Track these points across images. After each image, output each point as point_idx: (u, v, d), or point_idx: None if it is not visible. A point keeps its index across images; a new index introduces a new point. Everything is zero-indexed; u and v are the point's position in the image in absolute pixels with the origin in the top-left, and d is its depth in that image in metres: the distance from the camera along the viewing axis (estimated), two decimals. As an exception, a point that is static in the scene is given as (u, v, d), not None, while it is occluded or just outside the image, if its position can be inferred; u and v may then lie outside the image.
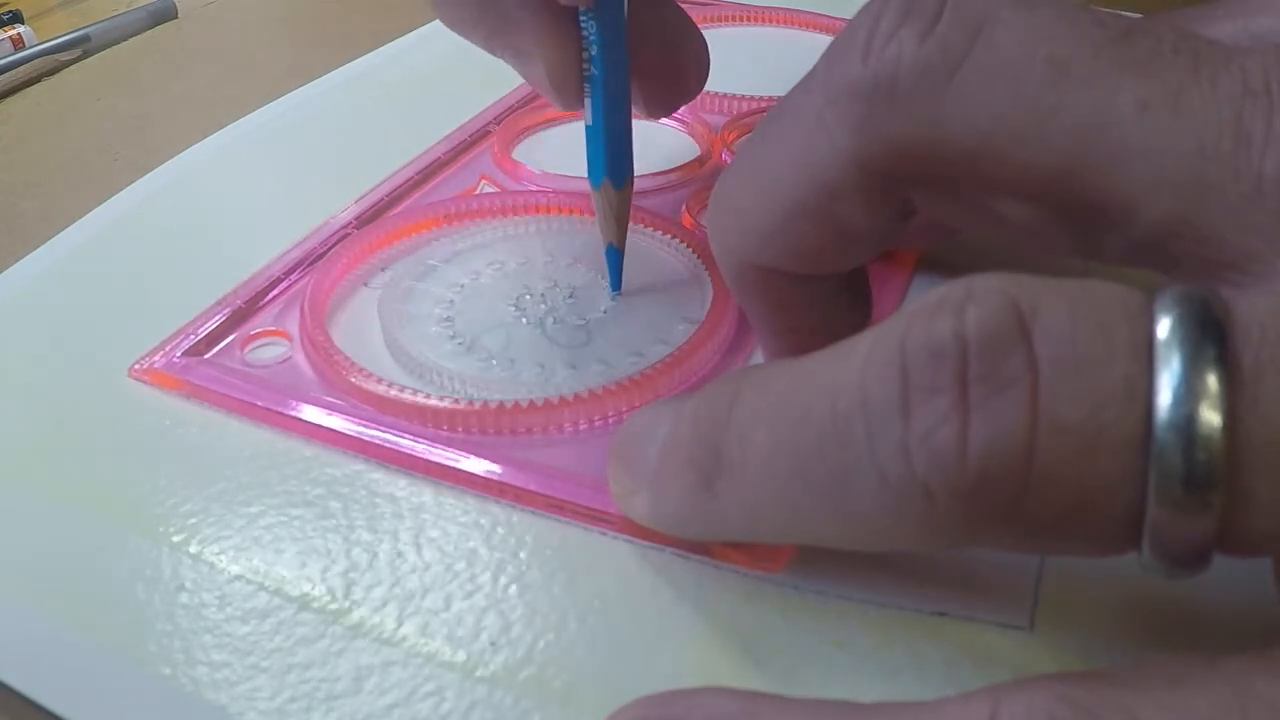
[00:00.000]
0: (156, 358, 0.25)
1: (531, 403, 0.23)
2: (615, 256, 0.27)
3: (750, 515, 0.17)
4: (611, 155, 0.25)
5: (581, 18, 0.24)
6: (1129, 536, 0.14)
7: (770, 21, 0.44)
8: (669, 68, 0.28)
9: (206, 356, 0.25)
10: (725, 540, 0.19)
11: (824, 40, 0.42)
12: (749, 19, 0.44)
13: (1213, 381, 0.13)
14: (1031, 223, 0.17)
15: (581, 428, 0.23)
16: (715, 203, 0.21)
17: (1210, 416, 0.13)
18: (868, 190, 0.18)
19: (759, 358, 0.25)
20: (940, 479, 0.14)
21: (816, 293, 0.20)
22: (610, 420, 0.23)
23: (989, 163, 0.17)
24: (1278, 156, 0.15)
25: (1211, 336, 0.13)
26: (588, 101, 0.25)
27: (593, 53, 0.24)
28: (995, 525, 0.14)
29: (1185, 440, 0.13)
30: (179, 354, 0.25)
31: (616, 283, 0.27)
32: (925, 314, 0.15)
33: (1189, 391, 0.13)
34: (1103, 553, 0.15)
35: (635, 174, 0.31)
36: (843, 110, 0.18)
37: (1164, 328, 0.14)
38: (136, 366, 0.25)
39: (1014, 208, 0.17)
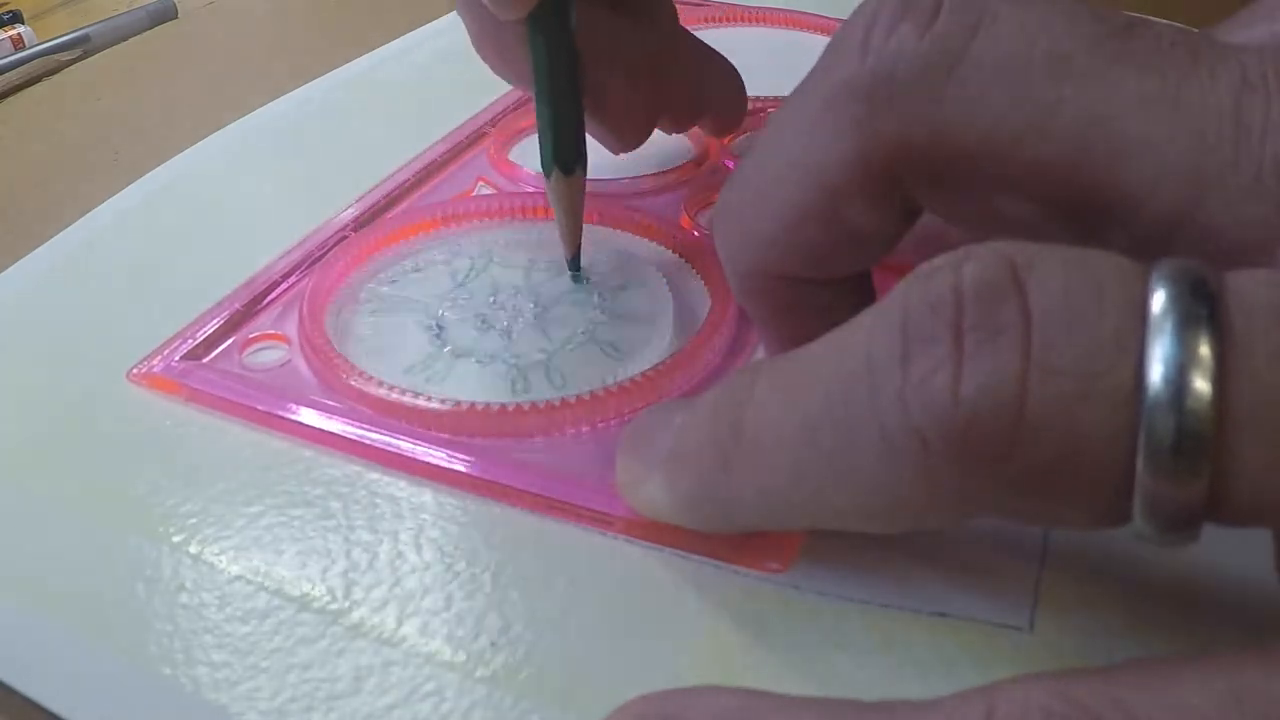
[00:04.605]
0: (155, 361, 0.25)
1: (534, 405, 0.23)
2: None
3: (764, 493, 0.17)
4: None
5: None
6: (1120, 502, 0.14)
7: (767, 22, 0.44)
8: (683, 91, 0.29)
9: (205, 360, 0.25)
10: (733, 528, 0.19)
11: (821, 41, 0.42)
12: (746, 19, 0.44)
13: (1204, 349, 0.13)
14: (1034, 219, 0.17)
15: (584, 430, 0.23)
16: (720, 212, 0.21)
17: (1201, 383, 0.13)
18: (871, 190, 0.18)
19: (759, 357, 0.25)
20: (934, 425, 0.14)
21: (823, 297, 0.20)
22: (612, 422, 0.23)
23: (990, 160, 0.17)
24: (1276, 147, 0.15)
25: (1205, 305, 0.14)
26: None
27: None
28: (987, 476, 0.15)
29: (1175, 405, 0.13)
30: (177, 358, 0.25)
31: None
32: (926, 274, 0.15)
33: (1180, 357, 0.13)
34: (1096, 520, 0.15)
35: (632, 175, 0.31)
36: (842, 109, 0.18)
37: (1158, 295, 0.14)
38: (135, 371, 0.25)
39: (1017, 204, 0.17)
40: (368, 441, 0.23)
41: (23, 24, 0.45)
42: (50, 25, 0.47)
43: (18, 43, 0.43)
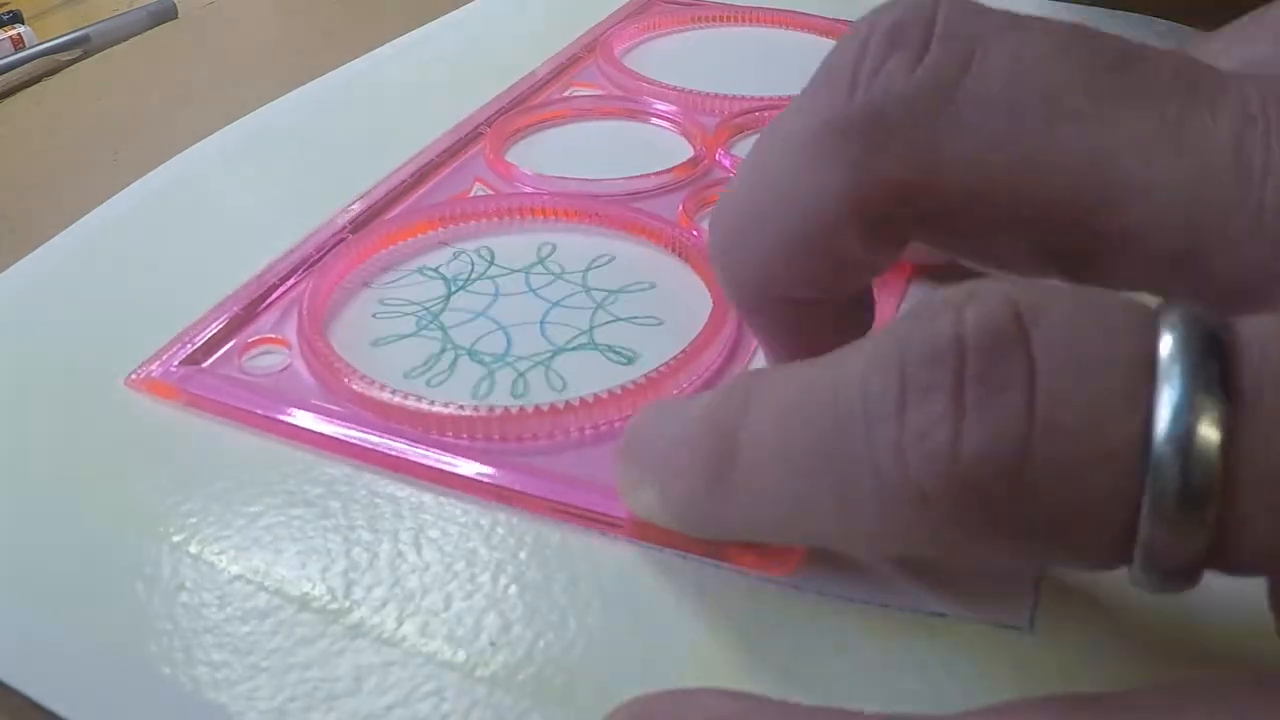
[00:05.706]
0: (154, 366, 0.25)
1: (537, 408, 0.23)
2: None
3: (757, 512, 0.17)
4: None
5: None
6: (1121, 550, 0.14)
7: (763, 22, 0.44)
8: None
9: (204, 365, 0.25)
10: (729, 538, 0.19)
11: (817, 41, 0.42)
12: (741, 19, 0.44)
13: (1213, 400, 0.13)
14: (1031, 258, 0.17)
15: (587, 432, 0.23)
16: (714, 234, 0.20)
17: (1209, 434, 0.13)
18: (864, 225, 0.18)
19: (760, 359, 0.25)
20: (934, 480, 0.14)
21: (821, 312, 0.20)
22: (615, 424, 0.23)
23: (985, 200, 0.16)
24: (1277, 187, 0.15)
25: (1213, 355, 0.13)
26: None
27: None
28: (988, 531, 0.14)
29: (1183, 457, 0.13)
30: (176, 363, 0.25)
31: None
32: (926, 314, 0.15)
33: (1189, 408, 0.13)
34: (1094, 565, 0.14)
35: (630, 174, 0.31)
36: (832, 149, 0.17)
37: (1166, 343, 0.13)
38: (134, 376, 0.25)
39: (1013, 245, 0.17)
40: (369, 445, 0.23)
41: (23, 24, 0.45)
42: (50, 25, 0.47)
43: (18, 43, 0.43)
